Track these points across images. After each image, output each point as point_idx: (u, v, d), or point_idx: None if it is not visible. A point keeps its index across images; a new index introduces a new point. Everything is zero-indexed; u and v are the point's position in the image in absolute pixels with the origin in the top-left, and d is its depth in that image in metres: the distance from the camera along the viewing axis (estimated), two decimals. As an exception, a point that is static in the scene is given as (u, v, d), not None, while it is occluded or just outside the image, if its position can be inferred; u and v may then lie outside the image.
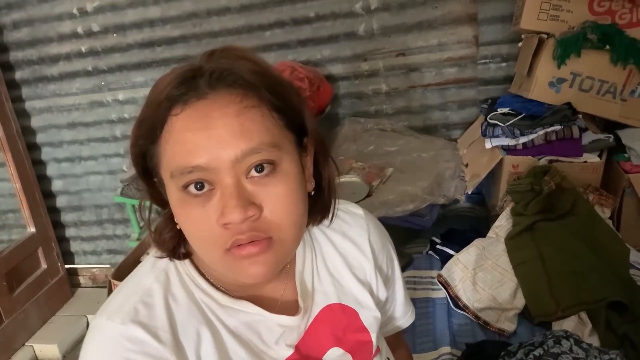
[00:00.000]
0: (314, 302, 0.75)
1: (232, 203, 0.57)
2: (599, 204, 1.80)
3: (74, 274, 3.21)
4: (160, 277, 0.68)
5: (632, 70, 1.87)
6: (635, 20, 1.89)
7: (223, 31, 2.49)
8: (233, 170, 0.58)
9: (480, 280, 1.66)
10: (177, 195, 0.61)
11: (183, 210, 0.61)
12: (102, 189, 2.98)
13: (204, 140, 0.57)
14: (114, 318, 0.63)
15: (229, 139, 0.57)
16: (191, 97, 0.58)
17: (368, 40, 2.40)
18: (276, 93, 0.61)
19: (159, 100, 0.59)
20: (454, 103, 2.44)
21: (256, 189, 0.59)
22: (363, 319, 0.77)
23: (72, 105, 2.81)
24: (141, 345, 0.61)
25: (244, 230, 0.59)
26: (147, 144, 0.62)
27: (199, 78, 0.59)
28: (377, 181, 2.15)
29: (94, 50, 2.66)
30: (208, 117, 0.58)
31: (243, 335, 0.69)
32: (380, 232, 0.84)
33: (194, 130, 0.58)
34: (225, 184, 0.58)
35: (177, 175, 0.59)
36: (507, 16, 2.20)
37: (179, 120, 0.59)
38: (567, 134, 1.86)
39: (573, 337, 1.28)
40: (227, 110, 0.58)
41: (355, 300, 0.77)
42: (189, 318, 0.66)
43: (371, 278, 0.80)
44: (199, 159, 0.57)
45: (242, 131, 0.58)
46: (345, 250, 0.78)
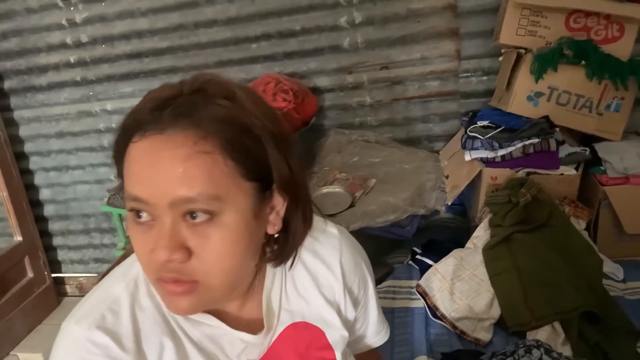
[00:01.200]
0: (279, 320, 0.76)
1: (161, 243, 0.59)
2: (575, 216, 1.84)
3: (60, 282, 3.21)
4: (129, 286, 0.70)
5: (607, 85, 1.92)
6: (610, 37, 1.94)
7: (210, 43, 2.52)
8: (171, 211, 0.59)
9: (457, 290, 1.68)
10: (128, 214, 0.63)
11: (130, 230, 0.64)
12: (90, 198, 2.99)
13: (147, 177, 0.59)
14: (82, 323, 0.66)
15: (168, 183, 0.58)
16: (150, 129, 0.59)
17: (353, 54, 2.44)
18: (237, 144, 0.60)
19: (127, 122, 0.62)
20: (436, 115, 2.48)
21: (190, 234, 0.60)
22: (329, 337, 0.78)
23: (61, 115, 2.83)
24: (105, 350, 0.64)
25: (168, 270, 0.61)
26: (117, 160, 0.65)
27: (166, 110, 0.59)
28: (360, 192, 2.18)
29: (82, 61, 2.69)
30: (157, 155, 0.58)
31: (206, 347, 0.71)
32: (354, 252, 0.84)
33: (142, 164, 0.59)
34: (162, 222, 0.60)
35: (127, 199, 0.62)
36: (489, 31, 2.24)
37: (135, 149, 0.60)
38: (545, 146, 1.90)
39: (544, 346, 1.31)
40: (177, 152, 0.58)
41: (322, 319, 0.79)
42: (153, 328, 0.68)
43: (340, 298, 0.80)
44: (142, 193, 0.59)
45: (184, 178, 0.58)
46: (315, 269, 0.79)
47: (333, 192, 2.18)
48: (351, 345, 0.89)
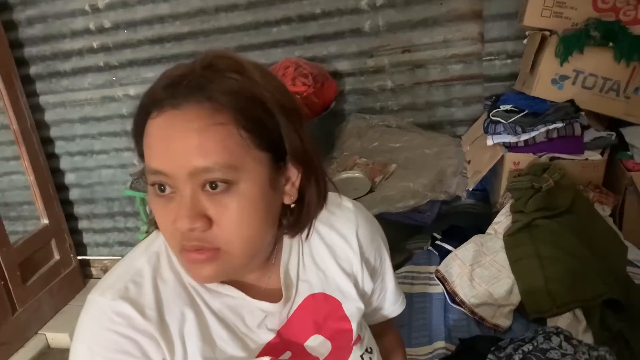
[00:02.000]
0: (297, 291, 0.78)
1: (183, 213, 0.62)
2: (599, 202, 1.80)
3: (86, 265, 3.28)
4: (151, 260, 0.72)
5: (635, 67, 1.86)
6: (639, 17, 1.87)
7: (231, 27, 2.51)
8: (190, 182, 0.62)
9: (477, 276, 1.67)
10: (149, 189, 0.66)
11: (152, 205, 0.66)
12: (114, 182, 3.04)
13: (164, 150, 0.62)
14: (106, 294, 0.68)
15: (185, 154, 0.61)
16: (166, 105, 0.62)
17: (374, 37, 2.41)
18: (249, 114, 0.62)
19: (145, 101, 0.64)
20: (459, 100, 2.44)
21: (210, 203, 0.63)
22: (345, 309, 0.80)
23: (85, 100, 2.87)
24: (128, 319, 0.66)
25: (190, 238, 0.63)
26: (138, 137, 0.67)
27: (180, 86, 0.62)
28: (379, 177, 2.16)
29: (105, 46, 2.71)
30: (173, 128, 0.61)
31: (227, 317, 0.72)
32: (371, 225, 0.86)
33: (159, 138, 0.62)
34: (182, 193, 0.62)
35: (147, 173, 0.64)
36: (513, 13, 2.19)
37: (152, 125, 0.63)
38: (569, 131, 1.86)
39: (563, 333, 1.29)
40: (192, 124, 0.61)
41: (339, 291, 0.80)
42: (174, 299, 0.70)
43: (357, 270, 0.82)
44: (160, 166, 0.62)
45: (200, 149, 0.60)
46: (332, 242, 0.81)
47: (353, 178, 2.17)
48: (369, 316, 0.90)
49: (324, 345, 0.78)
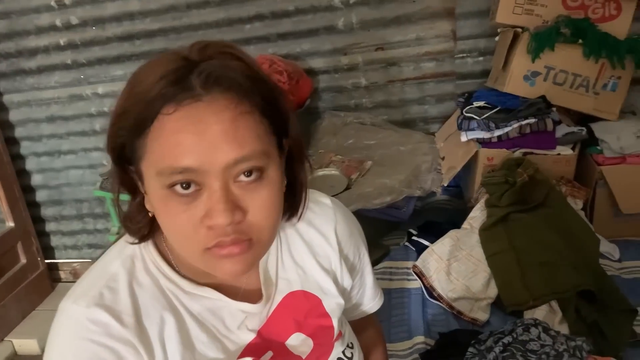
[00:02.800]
0: (277, 289, 0.76)
1: (220, 207, 0.58)
2: (572, 196, 1.83)
3: (54, 268, 3.19)
4: (126, 264, 0.69)
5: (604, 64, 1.90)
6: (607, 15, 1.92)
7: (203, 24, 2.48)
8: (222, 175, 0.59)
9: (454, 271, 1.68)
10: (160, 192, 0.60)
11: (166, 207, 0.61)
12: (83, 183, 2.96)
13: (197, 144, 0.57)
14: (80, 302, 0.65)
15: (222, 145, 0.57)
16: (185, 98, 0.57)
17: (347, 34, 2.42)
18: (268, 99, 0.62)
19: (149, 96, 0.58)
20: (432, 97, 2.46)
21: (242, 194, 0.60)
22: (326, 306, 0.79)
23: (51, 98, 2.79)
24: (105, 327, 0.63)
25: (229, 232, 0.60)
26: (130, 136, 0.61)
27: (193, 77, 0.58)
28: (356, 174, 2.16)
29: (72, 44, 2.64)
30: (203, 121, 0.57)
31: (206, 320, 0.70)
32: (349, 221, 0.85)
33: (187, 133, 0.57)
34: (214, 187, 0.59)
35: (165, 174, 0.58)
36: (485, 11, 2.22)
37: (172, 121, 0.58)
38: (541, 126, 1.89)
39: (542, 324, 1.31)
40: (222, 116, 0.58)
41: (319, 288, 0.79)
42: (153, 303, 0.68)
43: (336, 267, 0.81)
44: (191, 162, 0.57)
45: (236, 138, 0.58)
46: (311, 239, 0.80)
47: (329, 175, 2.17)
48: (349, 312, 0.90)
49: (305, 343, 0.77)
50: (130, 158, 0.63)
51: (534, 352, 1.22)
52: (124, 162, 0.64)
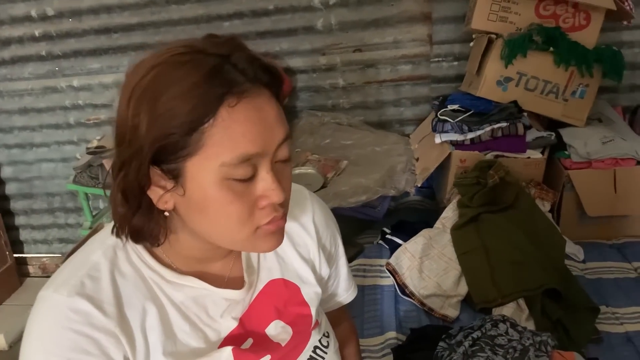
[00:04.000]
0: (258, 277, 0.78)
1: (275, 186, 0.64)
2: (540, 198, 1.89)
3: (23, 263, 3.14)
4: (107, 253, 0.69)
5: (573, 71, 1.97)
6: (577, 25, 1.99)
7: (181, 20, 2.48)
8: (272, 157, 0.64)
9: (426, 269, 1.72)
10: (219, 182, 0.61)
11: (222, 197, 0.62)
12: (55, 177, 2.92)
13: (262, 129, 0.62)
14: (61, 290, 0.65)
15: (276, 127, 0.64)
16: (242, 92, 0.61)
17: (326, 35, 2.44)
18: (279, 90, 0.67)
19: (203, 92, 0.59)
20: (407, 99, 2.50)
21: (279, 173, 0.65)
22: (304, 294, 0.81)
23: (24, 90, 2.74)
24: (86, 316, 0.64)
25: (279, 209, 0.66)
26: (177, 134, 0.59)
27: (233, 72, 0.60)
28: (332, 173, 2.19)
29: (48, 35, 2.61)
30: (263, 110, 0.62)
31: (189, 309, 0.72)
32: (325, 212, 0.88)
33: (254, 121, 0.61)
34: (267, 169, 0.64)
35: (232, 164, 0.61)
36: (460, 16, 2.27)
37: (237, 112, 0.60)
38: (513, 130, 1.95)
39: (509, 321, 1.36)
40: (272, 102, 0.64)
41: (298, 276, 0.82)
42: (134, 292, 0.68)
43: (314, 256, 0.84)
44: (257, 147, 0.62)
45: (282, 119, 0.65)
46: (291, 229, 0.82)
47: (305, 173, 2.19)
48: (324, 302, 0.92)
49: (285, 331, 0.79)
50: (166, 157, 0.61)
51: (501, 347, 1.26)
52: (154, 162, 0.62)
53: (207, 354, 0.71)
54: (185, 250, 0.71)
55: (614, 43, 2.13)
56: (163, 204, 0.65)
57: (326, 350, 0.82)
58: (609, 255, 1.89)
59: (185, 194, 0.63)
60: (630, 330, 1.54)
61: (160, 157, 0.61)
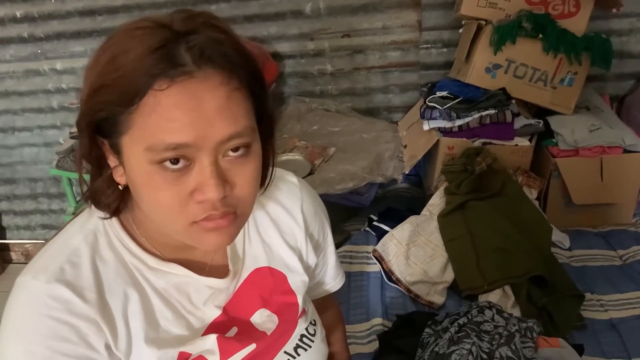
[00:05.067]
0: (243, 265, 0.77)
1: (212, 182, 0.58)
2: (527, 185, 1.89)
3: (5, 249, 3.09)
4: (88, 238, 0.67)
5: (562, 59, 1.97)
6: (567, 12, 1.98)
7: (167, 3, 2.43)
8: (214, 151, 0.59)
9: (413, 255, 1.72)
10: (146, 167, 0.59)
11: (151, 182, 0.59)
12: (37, 162, 2.87)
13: (194, 120, 0.57)
14: (39, 277, 0.63)
15: (218, 122, 0.57)
16: (178, 74, 0.56)
17: (314, 20, 2.41)
18: (254, 75, 0.62)
19: (138, 70, 0.56)
20: (396, 86, 2.49)
21: (230, 168, 0.60)
22: (291, 283, 0.80)
23: (6, 73, 2.68)
24: (65, 304, 0.62)
25: (218, 207, 0.60)
26: (112, 110, 0.58)
27: (182, 51, 0.56)
28: (319, 160, 2.17)
29: (30, 16, 2.54)
30: (199, 98, 0.57)
31: (171, 296, 0.70)
32: (314, 200, 0.86)
33: (184, 109, 0.56)
34: (205, 163, 0.59)
35: (157, 150, 0.57)
36: (450, 3, 2.25)
37: (166, 97, 0.56)
38: (501, 118, 1.95)
39: (495, 307, 1.36)
40: (217, 92, 0.57)
41: (284, 265, 0.80)
42: (116, 279, 0.67)
43: (301, 244, 0.82)
44: (186, 138, 0.57)
45: (231, 115, 0.58)
46: (277, 216, 0.80)
47: (292, 160, 2.17)
48: (311, 290, 0.91)
49: (270, 320, 0.78)
50: (107, 131, 0.61)
51: (487, 333, 1.26)
52: (97, 134, 0.62)
53: (190, 341, 0.70)
54: (155, 232, 0.69)
55: (603, 31, 2.12)
56: (118, 177, 0.64)
57: (313, 338, 0.81)
58: (595, 243, 1.90)
59: (125, 173, 0.62)
60: (614, 317, 1.55)
61: (103, 129, 0.61)
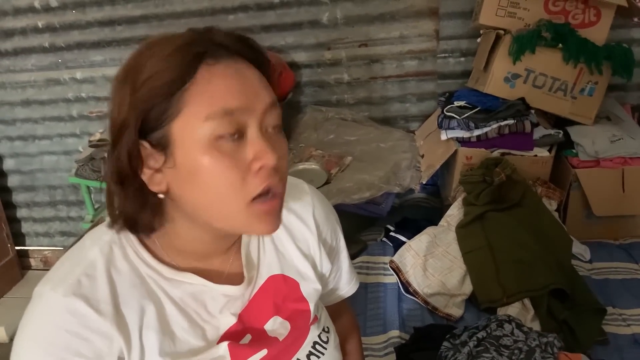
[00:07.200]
0: (258, 273, 0.77)
1: (267, 146, 0.62)
2: (547, 197, 1.87)
3: (24, 255, 3.13)
4: (104, 250, 0.68)
5: (582, 69, 1.94)
6: (587, 21, 1.96)
7: (185, 13, 2.46)
8: (261, 118, 0.63)
9: (430, 267, 1.70)
10: (207, 140, 0.61)
11: (212, 155, 0.61)
12: (57, 170, 2.91)
13: (244, 87, 0.62)
14: (57, 289, 0.64)
15: (261, 90, 0.64)
16: (220, 55, 0.63)
17: (332, 29, 2.42)
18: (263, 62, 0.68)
19: (185, 52, 0.61)
20: (413, 95, 2.48)
21: (271, 139, 0.64)
22: (303, 290, 0.80)
23: (27, 82, 2.73)
24: (82, 318, 0.63)
25: (273, 175, 0.63)
26: (162, 97, 0.60)
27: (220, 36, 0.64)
28: (335, 169, 2.17)
29: (51, 27, 2.59)
30: (242, 72, 0.63)
31: (187, 306, 0.70)
32: (324, 205, 0.87)
33: (235, 78, 0.62)
34: (256, 131, 0.63)
35: (217, 117, 0.60)
36: (468, 12, 2.24)
37: (217, 69, 0.62)
38: (520, 128, 1.92)
39: (515, 321, 1.34)
40: (253, 70, 0.65)
41: (297, 272, 0.81)
42: (131, 290, 0.67)
43: (315, 251, 0.83)
44: (241, 102, 0.62)
45: (267, 87, 0.65)
46: (290, 224, 0.81)
47: (309, 169, 2.17)
48: (326, 297, 0.91)
49: (283, 326, 0.78)
50: (153, 125, 0.62)
51: (507, 347, 1.24)
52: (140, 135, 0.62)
53: (204, 351, 0.70)
54: (184, 242, 0.70)
55: (624, 40, 2.10)
56: (156, 186, 0.64)
57: (326, 345, 0.81)
58: (616, 255, 1.86)
59: (175, 165, 0.62)
60: (637, 332, 1.52)
61: (147, 128, 0.62)
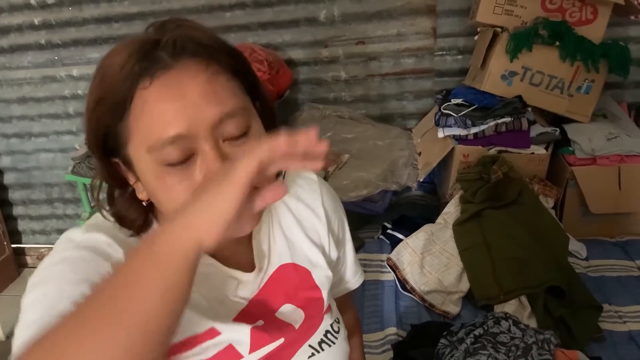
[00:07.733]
0: (269, 262, 0.77)
1: (216, 165, 0.58)
2: (543, 194, 1.87)
3: (21, 253, 3.12)
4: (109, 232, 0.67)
5: (579, 66, 1.94)
6: (584, 19, 1.96)
7: (182, 10, 2.44)
8: (211, 136, 0.59)
9: (427, 264, 1.70)
10: (154, 169, 0.60)
11: (163, 183, 0.60)
12: (53, 167, 2.90)
13: (181, 108, 0.57)
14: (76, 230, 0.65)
15: (205, 105, 0.58)
16: (157, 70, 0.58)
17: (329, 27, 2.41)
18: (235, 59, 0.62)
19: (120, 77, 0.58)
20: (410, 93, 2.48)
21: (234, 151, 0.60)
22: (315, 278, 0.80)
23: (23, 79, 2.72)
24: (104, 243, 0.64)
25: None
26: (111, 123, 0.60)
27: (159, 50, 0.58)
28: (333, 167, 2.17)
29: (47, 23, 2.58)
30: (181, 87, 0.58)
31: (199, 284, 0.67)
32: (333, 196, 0.87)
33: (168, 100, 0.57)
34: (206, 149, 0.59)
35: (157, 148, 0.58)
36: (465, 9, 2.24)
37: (150, 93, 0.58)
38: (517, 126, 1.93)
39: (512, 318, 1.34)
40: (198, 79, 0.58)
41: (308, 261, 0.80)
42: None
43: (324, 240, 0.82)
44: (179, 128, 0.57)
45: (215, 97, 0.59)
46: (300, 213, 0.81)
47: (306, 166, 2.17)
48: (333, 287, 0.90)
49: (296, 313, 0.77)
50: (115, 148, 0.62)
51: (503, 344, 1.24)
52: (109, 155, 0.63)
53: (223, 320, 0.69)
54: None
55: (621, 38, 2.10)
56: (140, 194, 0.65)
57: (337, 335, 0.81)
58: (612, 252, 1.87)
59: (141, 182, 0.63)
60: (633, 329, 1.53)
61: (110, 148, 0.62)
